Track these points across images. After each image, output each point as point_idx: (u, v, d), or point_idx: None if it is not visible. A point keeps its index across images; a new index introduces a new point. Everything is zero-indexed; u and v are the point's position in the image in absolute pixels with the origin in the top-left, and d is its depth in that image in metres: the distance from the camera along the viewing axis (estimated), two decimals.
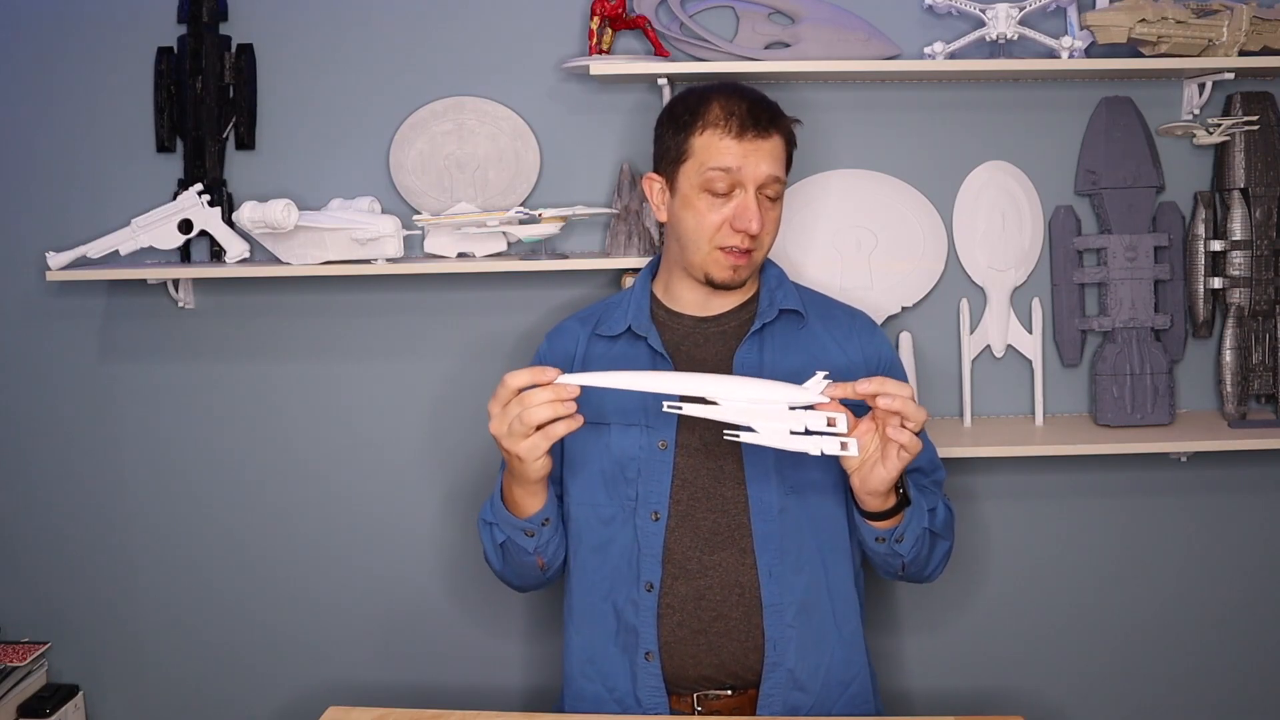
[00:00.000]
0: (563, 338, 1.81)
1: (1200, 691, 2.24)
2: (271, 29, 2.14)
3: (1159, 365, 2.09)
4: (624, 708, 1.66)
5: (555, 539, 1.67)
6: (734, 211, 1.64)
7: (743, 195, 1.65)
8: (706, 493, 1.66)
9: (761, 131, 1.64)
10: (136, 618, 2.27)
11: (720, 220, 1.65)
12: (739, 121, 1.64)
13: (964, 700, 2.21)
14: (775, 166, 1.66)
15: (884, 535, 1.58)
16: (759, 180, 1.65)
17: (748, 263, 1.68)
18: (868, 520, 1.57)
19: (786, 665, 1.63)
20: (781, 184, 1.68)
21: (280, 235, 2.01)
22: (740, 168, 1.64)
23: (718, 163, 1.64)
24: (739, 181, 1.64)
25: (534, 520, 1.61)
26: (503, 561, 1.70)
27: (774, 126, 1.66)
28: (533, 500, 1.60)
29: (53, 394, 2.23)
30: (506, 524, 1.63)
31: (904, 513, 1.56)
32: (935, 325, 2.16)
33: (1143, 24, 1.96)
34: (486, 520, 1.67)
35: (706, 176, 1.65)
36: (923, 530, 1.59)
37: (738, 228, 1.64)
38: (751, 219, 1.63)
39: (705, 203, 1.66)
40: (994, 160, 2.14)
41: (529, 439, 1.46)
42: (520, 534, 1.63)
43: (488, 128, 2.13)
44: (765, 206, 1.66)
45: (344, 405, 2.22)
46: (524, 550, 1.65)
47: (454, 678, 2.26)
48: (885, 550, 1.60)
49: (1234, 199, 2.10)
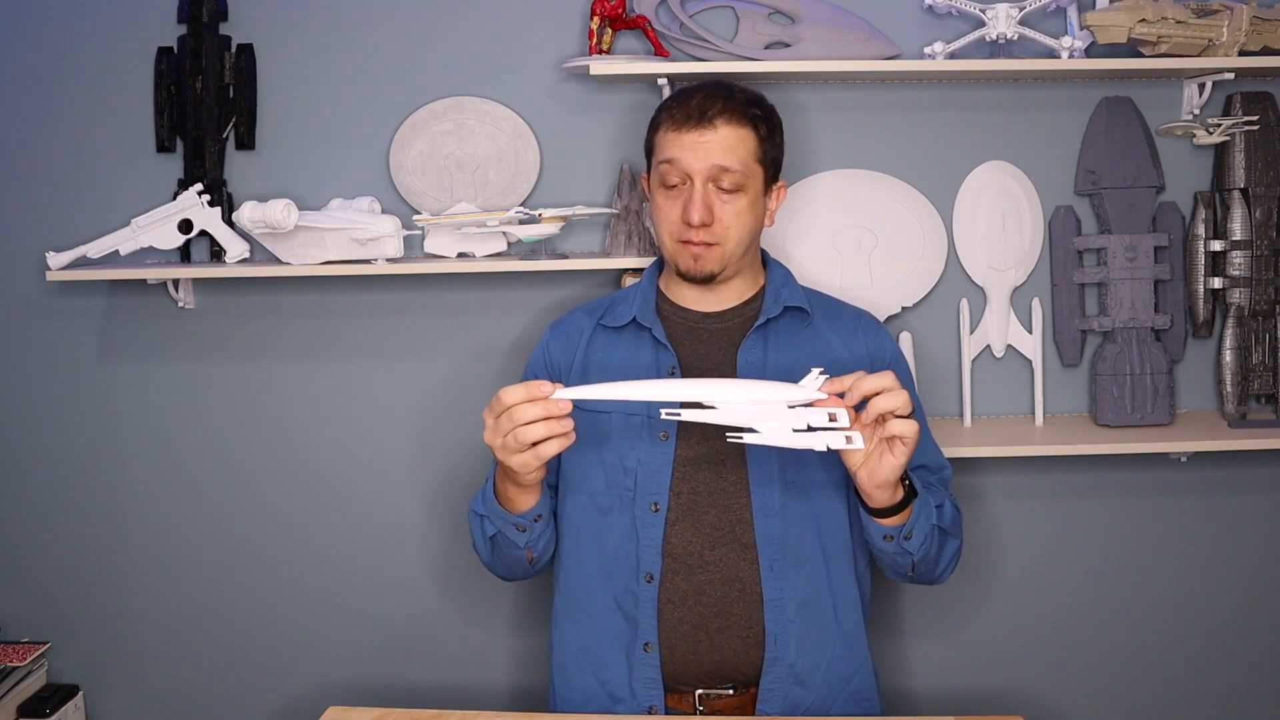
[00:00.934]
0: (566, 328, 1.82)
1: (1200, 691, 2.24)
2: (271, 29, 2.14)
3: (1159, 365, 2.09)
4: (616, 700, 1.66)
5: (546, 534, 1.68)
6: (684, 203, 1.66)
7: (691, 187, 1.66)
8: (708, 488, 1.66)
9: (704, 123, 1.65)
10: (136, 618, 2.27)
11: (675, 214, 1.67)
12: (683, 114, 1.66)
13: (964, 700, 2.21)
14: (726, 157, 1.65)
15: (892, 533, 1.57)
16: (705, 173, 1.65)
17: (708, 254, 1.68)
18: (875, 518, 1.57)
19: (787, 660, 1.63)
20: (740, 175, 1.66)
21: (280, 235, 2.01)
22: (681, 159, 1.66)
23: (663, 155, 1.68)
24: (686, 174, 1.66)
25: (526, 516, 1.62)
26: (491, 553, 1.71)
27: (722, 118, 1.65)
28: (526, 498, 1.61)
29: (53, 394, 2.23)
30: (498, 518, 1.64)
31: (912, 506, 1.56)
32: (935, 325, 2.16)
33: (1143, 24, 1.96)
34: (478, 512, 1.68)
35: (659, 170, 1.69)
36: (931, 527, 1.59)
37: (684, 219, 1.66)
38: (694, 210, 1.64)
39: (662, 196, 1.69)
40: (994, 160, 2.14)
41: (521, 455, 1.47)
42: (512, 529, 1.64)
43: (488, 128, 2.13)
44: (720, 198, 1.66)
45: (344, 405, 2.22)
46: (514, 544, 1.66)
47: (453, 677, 2.26)
48: (894, 549, 1.59)
49: (1234, 199, 2.10)
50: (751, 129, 1.68)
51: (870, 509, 1.56)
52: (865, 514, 1.58)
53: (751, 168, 1.68)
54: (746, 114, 1.68)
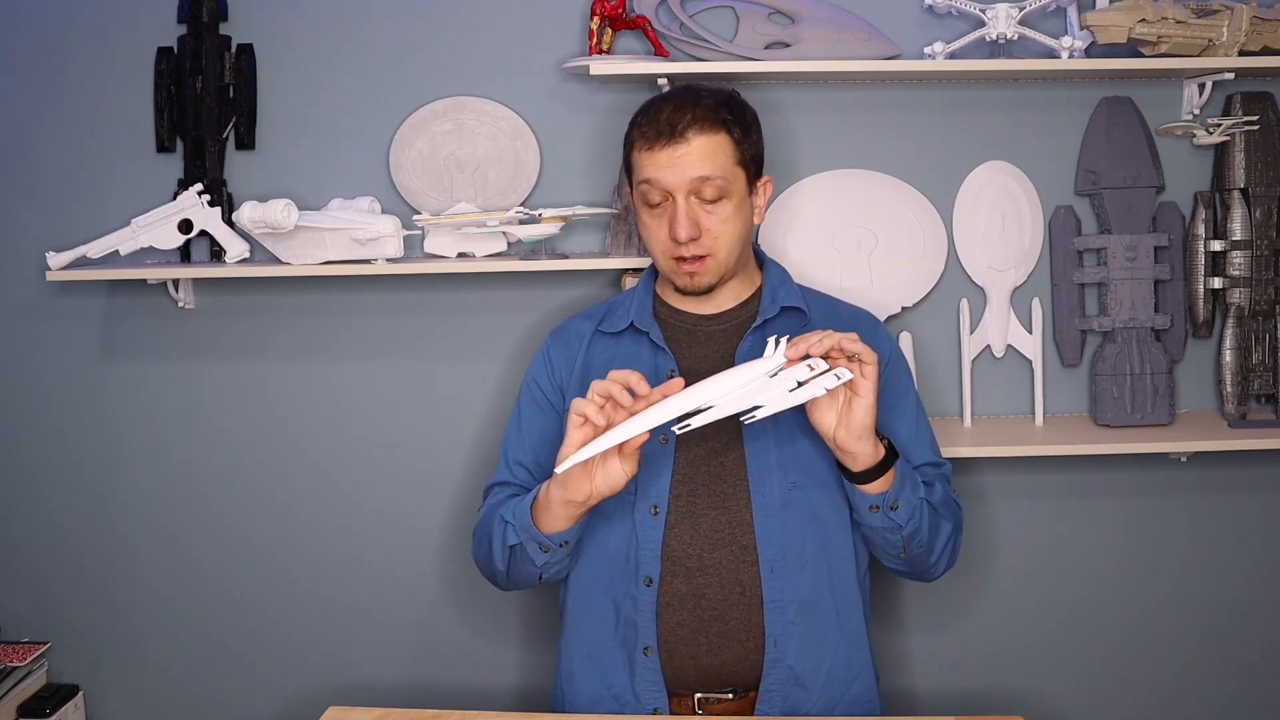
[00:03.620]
0: (566, 335, 1.82)
1: (1200, 691, 2.24)
2: (271, 29, 2.14)
3: (1159, 365, 2.09)
4: (621, 704, 1.66)
5: (564, 562, 1.65)
6: (670, 221, 1.65)
7: (673, 204, 1.65)
8: (708, 489, 1.66)
9: (675, 138, 1.63)
10: (136, 618, 2.27)
11: (663, 232, 1.66)
12: (654, 131, 1.64)
13: (964, 700, 2.21)
14: (702, 168, 1.63)
15: (877, 502, 1.57)
16: (685, 186, 1.64)
17: (702, 269, 1.67)
18: (859, 485, 1.57)
19: (787, 662, 1.63)
20: (720, 182, 1.64)
21: (280, 235, 2.01)
22: (660, 178, 1.64)
23: (642, 175, 1.66)
24: (667, 191, 1.65)
25: (554, 539, 1.59)
26: (506, 562, 1.66)
27: (694, 129, 1.63)
28: (564, 521, 1.57)
29: (53, 394, 2.23)
30: (524, 531, 1.60)
31: (894, 469, 1.56)
32: (935, 325, 2.16)
33: (1143, 24, 1.96)
34: (505, 519, 1.64)
35: (640, 191, 1.68)
36: (919, 500, 1.60)
37: (670, 236, 1.65)
38: (679, 227, 1.63)
39: (648, 215, 1.68)
40: (994, 160, 2.14)
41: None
42: (535, 546, 1.60)
43: (488, 128, 2.13)
44: (705, 209, 1.65)
45: (344, 405, 2.22)
46: (531, 560, 1.63)
47: (454, 677, 2.26)
48: (883, 523, 1.59)
49: (1234, 199, 2.10)
50: (725, 133, 1.65)
51: (854, 475, 1.57)
52: (851, 486, 1.59)
53: (732, 171, 1.66)
54: (717, 119, 1.65)
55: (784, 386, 1.47)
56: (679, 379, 1.49)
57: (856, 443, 1.52)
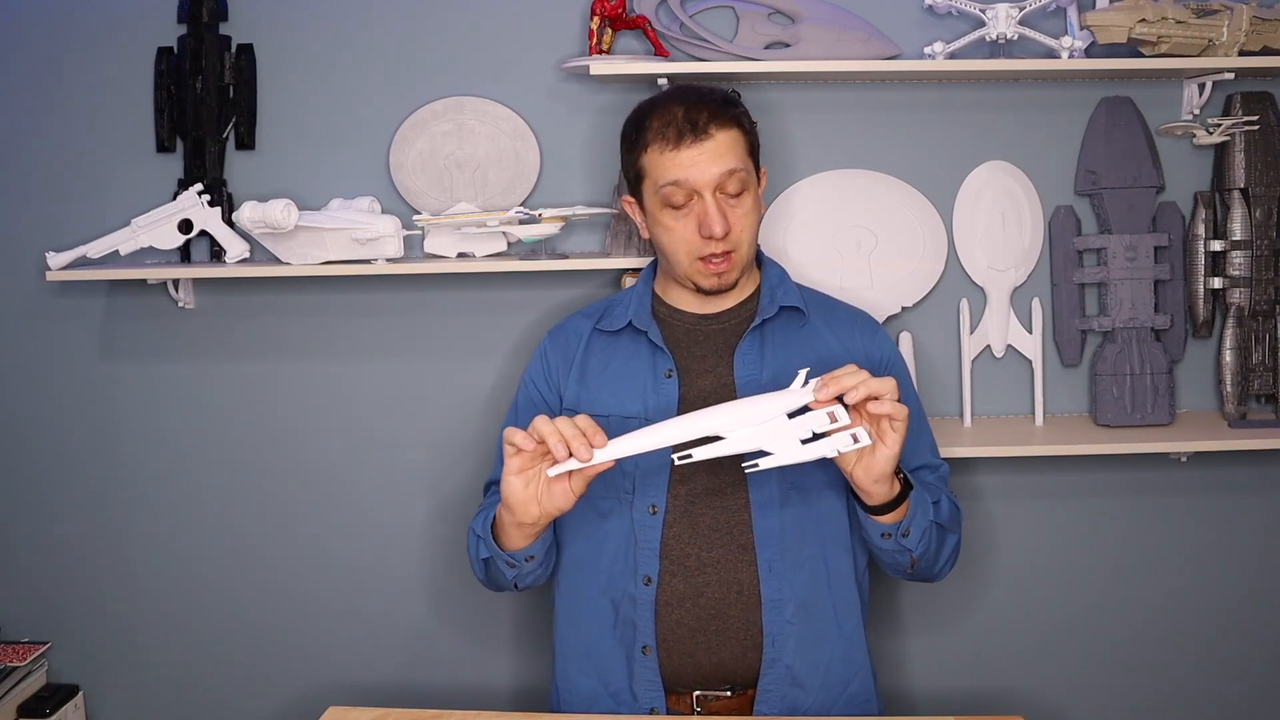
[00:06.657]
0: (564, 334, 1.82)
1: (1200, 691, 2.24)
2: (271, 29, 2.14)
3: (1159, 365, 2.09)
4: (619, 703, 1.66)
5: (536, 572, 1.66)
6: (699, 220, 1.65)
7: (701, 202, 1.64)
8: (706, 489, 1.66)
9: (700, 135, 1.63)
10: (136, 618, 2.27)
11: (689, 232, 1.66)
12: (676, 131, 1.64)
13: (964, 700, 2.21)
14: (727, 161, 1.64)
15: (890, 530, 1.57)
16: (712, 182, 1.64)
17: (729, 265, 1.68)
18: (873, 516, 1.57)
19: (785, 661, 1.63)
20: (743, 174, 1.66)
21: (280, 235, 2.01)
22: (688, 177, 1.64)
23: (667, 178, 1.65)
24: (693, 190, 1.64)
25: (517, 555, 1.61)
26: (485, 572, 1.70)
27: (714, 124, 1.64)
28: (521, 540, 1.59)
29: (53, 394, 2.23)
30: (490, 548, 1.63)
31: (909, 500, 1.56)
32: (935, 325, 2.16)
33: (1143, 24, 1.96)
34: (475, 533, 1.67)
35: (662, 193, 1.66)
36: (929, 523, 1.59)
37: (704, 235, 1.64)
38: (715, 223, 1.63)
39: (670, 217, 1.67)
40: (994, 160, 2.14)
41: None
42: (502, 561, 1.63)
43: (488, 128, 2.13)
44: (730, 203, 1.66)
45: (344, 405, 2.22)
46: (502, 574, 1.66)
47: (453, 677, 2.26)
48: (893, 547, 1.59)
49: (1234, 199, 2.10)
50: (738, 127, 1.68)
51: (868, 506, 1.56)
52: (863, 513, 1.58)
53: (748, 164, 1.68)
54: (729, 113, 1.67)
55: (797, 435, 1.43)
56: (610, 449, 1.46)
57: (874, 485, 1.51)
